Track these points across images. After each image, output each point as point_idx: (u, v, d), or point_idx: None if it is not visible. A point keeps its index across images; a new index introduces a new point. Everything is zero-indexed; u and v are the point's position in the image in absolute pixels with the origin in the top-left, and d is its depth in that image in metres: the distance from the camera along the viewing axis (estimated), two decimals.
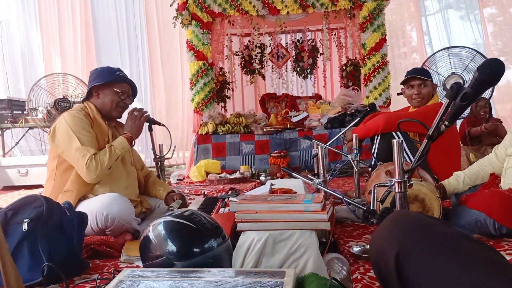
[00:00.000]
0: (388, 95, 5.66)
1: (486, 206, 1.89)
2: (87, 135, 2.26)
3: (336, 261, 1.60)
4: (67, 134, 2.22)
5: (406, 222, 1.00)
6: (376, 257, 1.04)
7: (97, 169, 2.20)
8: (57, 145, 2.27)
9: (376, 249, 1.03)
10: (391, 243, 0.96)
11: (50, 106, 5.31)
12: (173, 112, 7.50)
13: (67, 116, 2.28)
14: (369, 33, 5.57)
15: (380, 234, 1.04)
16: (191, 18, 5.59)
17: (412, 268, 0.90)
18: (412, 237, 0.94)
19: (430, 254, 0.89)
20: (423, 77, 2.91)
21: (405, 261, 0.91)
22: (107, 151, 2.26)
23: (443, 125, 1.46)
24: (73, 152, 2.21)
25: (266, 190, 2.17)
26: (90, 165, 2.19)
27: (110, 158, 2.25)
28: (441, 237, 0.92)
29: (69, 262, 1.71)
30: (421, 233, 0.94)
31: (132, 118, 2.47)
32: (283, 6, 5.58)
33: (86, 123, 2.30)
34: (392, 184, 1.54)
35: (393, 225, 1.01)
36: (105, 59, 7.24)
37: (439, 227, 0.95)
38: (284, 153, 4.98)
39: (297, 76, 7.05)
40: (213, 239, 1.47)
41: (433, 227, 0.95)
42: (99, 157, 2.23)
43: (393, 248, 0.94)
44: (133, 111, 2.50)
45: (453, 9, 7.66)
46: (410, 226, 0.97)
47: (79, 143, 2.20)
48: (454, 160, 2.91)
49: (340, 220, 2.43)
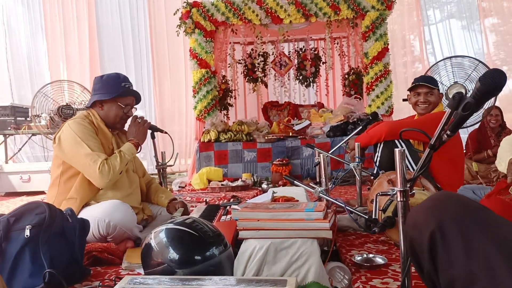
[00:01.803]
0: (391, 104, 5.66)
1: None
2: (95, 141, 2.27)
3: (338, 270, 1.60)
4: (75, 141, 2.22)
5: (452, 202, 0.96)
6: (411, 231, 1.00)
7: (110, 173, 2.21)
8: (64, 153, 2.26)
9: (413, 223, 1.00)
10: (429, 219, 0.93)
11: (54, 113, 5.34)
12: (176, 120, 7.52)
13: (72, 124, 2.28)
14: (371, 42, 5.59)
15: (420, 210, 1.00)
16: (195, 26, 5.63)
17: (446, 247, 0.88)
18: (454, 218, 0.90)
19: (469, 236, 0.86)
20: (431, 86, 2.90)
21: (441, 239, 0.89)
22: (117, 156, 2.28)
23: (445, 134, 1.46)
24: (83, 159, 2.20)
25: (268, 198, 2.17)
26: (103, 169, 2.20)
27: (121, 162, 2.27)
28: (484, 223, 0.88)
29: (71, 269, 1.70)
30: (466, 215, 0.91)
31: (136, 125, 2.48)
32: (286, 15, 5.62)
33: (92, 130, 2.30)
34: (394, 193, 1.54)
35: (435, 203, 0.98)
36: (109, 66, 7.28)
37: (485, 213, 0.91)
38: (286, 161, 4.98)
39: (299, 84, 7.07)
40: (215, 247, 1.47)
41: (478, 212, 0.91)
42: (110, 162, 2.24)
43: (430, 225, 0.91)
44: (135, 118, 2.52)
45: (455, 18, 7.69)
46: (455, 206, 0.94)
47: (88, 149, 2.21)
48: (457, 169, 2.90)
49: (342, 229, 2.43)
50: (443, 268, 0.88)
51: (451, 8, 7.72)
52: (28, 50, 7.38)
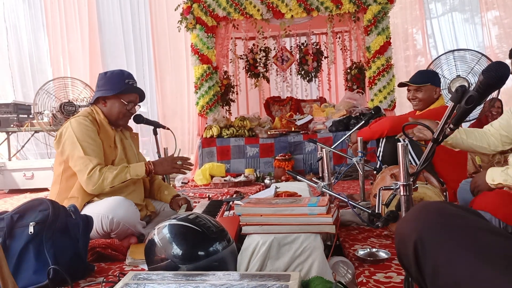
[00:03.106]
0: (393, 98, 5.64)
1: (492, 206, 1.89)
2: (92, 143, 2.24)
3: (341, 264, 1.60)
4: (72, 141, 2.21)
5: (428, 211, 0.98)
6: (398, 245, 1.03)
7: (97, 182, 2.17)
8: (62, 151, 2.27)
9: (399, 237, 1.03)
10: (411, 231, 0.95)
11: (56, 110, 5.35)
12: (178, 116, 7.52)
13: (74, 122, 2.27)
14: (373, 36, 5.57)
15: (403, 222, 1.03)
16: (196, 22, 5.61)
17: (428, 258, 0.89)
18: (430, 227, 0.93)
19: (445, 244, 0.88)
20: (414, 84, 2.93)
21: (422, 250, 0.91)
22: (117, 169, 2.22)
23: (448, 128, 1.45)
24: (76, 160, 2.20)
25: (270, 193, 2.17)
26: (92, 176, 2.17)
27: (116, 177, 2.20)
28: (460, 230, 0.90)
29: (75, 265, 1.71)
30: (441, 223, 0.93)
31: (169, 161, 2.39)
32: (288, 10, 5.60)
33: (92, 130, 2.28)
34: (397, 187, 1.54)
35: (415, 214, 1.00)
36: (111, 63, 7.28)
37: (462, 219, 0.93)
38: (288, 156, 4.98)
39: (301, 79, 7.05)
40: (218, 242, 1.47)
41: (454, 218, 0.93)
42: (104, 171, 2.19)
43: (412, 236, 0.93)
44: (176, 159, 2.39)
45: (458, 12, 7.65)
46: (431, 216, 0.96)
47: (82, 152, 2.19)
48: (460, 163, 2.90)
49: (345, 224, 2.43)
50: (430, 280, 0.90)
51: (453, 1, 7.68)
52: (30, 47, 7.39)
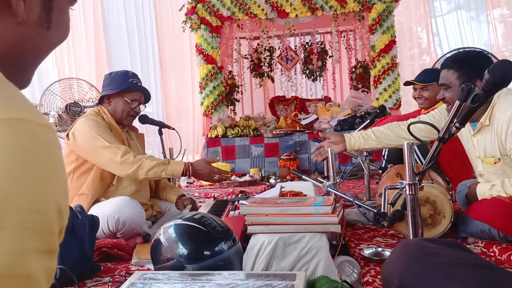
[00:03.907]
0: (398, 97, 5.62)
1: (488, 216, 1.87)
2: (111, 135, 2.27)
3: (347, 264, 1.60)
4: (91, 136, 2.21)
5: (406, 253, 1.02)
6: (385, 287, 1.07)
7: (133, 167, 2.15)
8: (80, 148, 2.25)
9: (384, 279, 1.06)
10: (393, 276, 0.99)
11: (62, 111, 5.37)
12: (183, 116, 7.53)
13: (86, 120, 2.28)
14: (378, 35, 5.55)
15: (387, 264, 1.08)
16: (200, 22, 5.62)
17: None
18: (409, 270, 0.96)
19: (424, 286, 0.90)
20: (420, 83, 2.94)
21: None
22: (154, 162, 2.19)
23: (454, 127, 1.45)
24: (101, 152, 2.19)
25: (276, 193, 2.17)
26: (127, 160, 2.16)
27: (151, 170, 2.17)
28: (438, 268, 0.92)
29: (81, 265, 1.72)
30: (418, 264, 0.95)
31: (208, 169, 2.36)
32: (292, 9, 5.59)
33: (106, 126, 2.31)
34: (402, 186, 1.53)
35: (396, 256, 1.04)
36: (116, 64, 7.29)
37: (439, 257, 0.95)
38: (293, 156, 4.98)
39: (306, 78, 7.04)
40: (224, 242, 1.47)
41: (431, 257, 0.96)
42: (141, 158, 2.18)
43: (394, 281, 0.97)
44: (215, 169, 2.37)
45: (463, 10, 7.60)
46: (408, 258, 1.00)
47: (106, 143, 2.19)
48: (466, 162, 2.88)
49: (351, 223, 2.42)
50: None
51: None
52: None
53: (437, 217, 1.93)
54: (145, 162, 2.18)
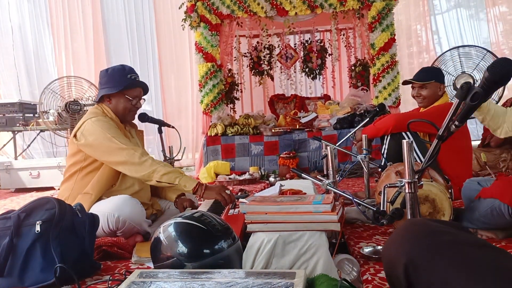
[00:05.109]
0: (398, 95, 5.62)
1: (499, 192, 1.89)
2: (123, 137, 2.28)
3: (347, 262, 1.60)
4: (104, 137, 2.21)
5: (414, 231, 0.99)
6: (388, 270, 1.04)
7: (149, 170, 2.17)
8: (94, 148, 2.24)
9: (387, 261, 1.04)
10: (399, 254, 0.96)
11: (61, 109, 5.36)
12: (183, 114, 7.53)
13: (97, 121, 2.26)
14: (378, 33, 5.55)
15: (389, 246, 1.04)
16: (200, 20, 5.61)
17: (420, 279, 0.90)
18: (419, 248, 0.94)
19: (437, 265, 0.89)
20: (418, 82, 2.93)
21: (414, 272, 0.92)
22: (169, 169, 2.20)
23: (453, 125, 1.45)
24: (116, 153, 2.20)
25: (275, 191, 2.18)
26: (145, 163, 2.18)
27: (165, 175, 2.17)
28: (448, 247, 0.91)
29: (81, 263, 1.72)
30: (428, 243, 0.94)
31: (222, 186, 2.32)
32: (291, 7, 5.59)
33: (115, 126, 2.31)
34: (402, 184, 1.54)
35: (401, 236, 1.01)
36: (116, 62, 7.28)
37: (448, 235, 0.94)
38: (293, 154, 4.98)
39: (305, 76, 7.04)
40: (223, 240, 1.47)
41: (441, 236, 0.94)
42: (159, 163, 2.20)
43: (401, 259, 0.94)
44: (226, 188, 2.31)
45: (463, 7, 7.60)
46: (417, 236, 0.97)
47: (121, 144, 2.20)
48: (465, 160, 2.89)
49: (350, 221, 2.42)
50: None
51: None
52: (35, 46, 7.41)
53: (436, 215, 1.94)
54: (161, 168, 2.19)
